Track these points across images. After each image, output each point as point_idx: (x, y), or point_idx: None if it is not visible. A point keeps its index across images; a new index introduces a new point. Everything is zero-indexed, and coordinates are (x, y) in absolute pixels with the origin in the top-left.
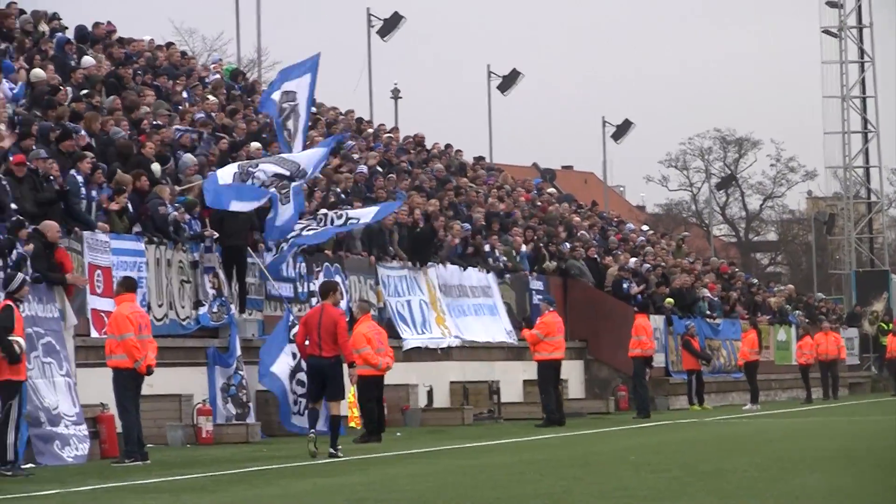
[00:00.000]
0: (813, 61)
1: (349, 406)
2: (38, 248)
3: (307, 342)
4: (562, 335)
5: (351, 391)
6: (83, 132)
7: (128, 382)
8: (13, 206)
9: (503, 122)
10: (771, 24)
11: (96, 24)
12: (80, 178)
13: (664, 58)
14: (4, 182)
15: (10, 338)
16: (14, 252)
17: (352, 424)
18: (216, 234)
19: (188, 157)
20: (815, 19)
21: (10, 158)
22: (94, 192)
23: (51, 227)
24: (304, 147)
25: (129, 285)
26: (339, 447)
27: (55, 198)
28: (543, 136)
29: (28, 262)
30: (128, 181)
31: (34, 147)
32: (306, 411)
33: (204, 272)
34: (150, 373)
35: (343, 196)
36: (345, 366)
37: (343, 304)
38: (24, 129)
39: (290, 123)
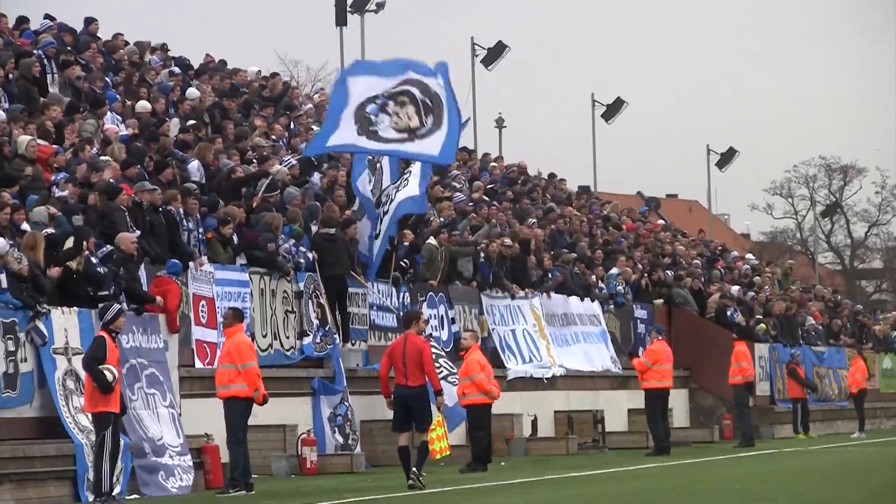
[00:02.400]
0: None
1: (438, 437)
2: (119, 260)
3: (391, 373)
4: (670, 364)
5: (437, 418)
6: (195, 162)
7: (244, 412)
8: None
9: (607, 151)
10: (874, 50)
11: (219, 61)
12: (180, 210)
13: (768, 86)
14: (124, 211)
15: (101, 366)
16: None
17: (439, 456)
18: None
19: (293, 189)
20: None
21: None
22: (189, 224)
23: (125, 238)
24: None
25: (239, 316)
26: (423, 474)
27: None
28: (648, 165)
29: (122, 292)
30: (236, 214)
31: (143, 177)
32: (397, 449)
33: (308, 300)
34: (265, 402)
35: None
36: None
37: (444, 333)
38: (129, 160)
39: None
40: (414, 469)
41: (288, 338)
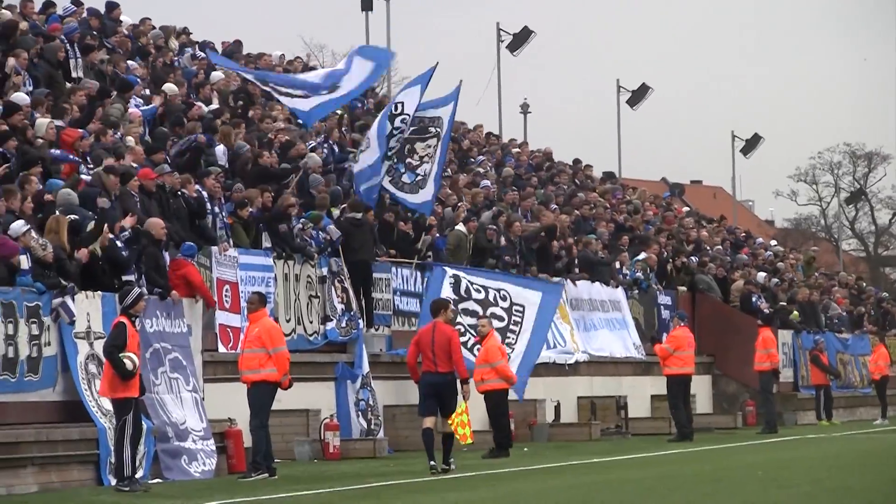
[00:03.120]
0: None
1: (462, 424)
2: (145, 244)
3: (420, 361)
4: (692, 350)
5: (462, 406)
6: (221, 147)
7: (270, 396)
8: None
9: (632, 137)
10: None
11: (234, 42)
12: (204, 194)
13: (793, 72)
14: (136, 196)
15: (122, 354)
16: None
17: (467, 441)
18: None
19: (317, 176)
20: None
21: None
22: (214, 207)
23: (155, 224)
24: (439, 181)
25: (264, 300)
26: (452, 459)
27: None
28: (672, 151)
29: (143, 275)
30: (254, 196)
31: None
32: (421, 432)
33: (332, 285)
34: (290, 386)
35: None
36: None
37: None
38: (155, 145)
39: (419, 146)
40: (444, 465)
41: (311, 322)
